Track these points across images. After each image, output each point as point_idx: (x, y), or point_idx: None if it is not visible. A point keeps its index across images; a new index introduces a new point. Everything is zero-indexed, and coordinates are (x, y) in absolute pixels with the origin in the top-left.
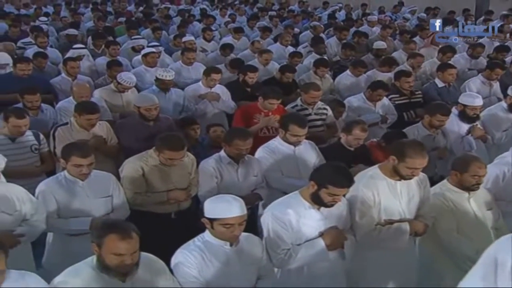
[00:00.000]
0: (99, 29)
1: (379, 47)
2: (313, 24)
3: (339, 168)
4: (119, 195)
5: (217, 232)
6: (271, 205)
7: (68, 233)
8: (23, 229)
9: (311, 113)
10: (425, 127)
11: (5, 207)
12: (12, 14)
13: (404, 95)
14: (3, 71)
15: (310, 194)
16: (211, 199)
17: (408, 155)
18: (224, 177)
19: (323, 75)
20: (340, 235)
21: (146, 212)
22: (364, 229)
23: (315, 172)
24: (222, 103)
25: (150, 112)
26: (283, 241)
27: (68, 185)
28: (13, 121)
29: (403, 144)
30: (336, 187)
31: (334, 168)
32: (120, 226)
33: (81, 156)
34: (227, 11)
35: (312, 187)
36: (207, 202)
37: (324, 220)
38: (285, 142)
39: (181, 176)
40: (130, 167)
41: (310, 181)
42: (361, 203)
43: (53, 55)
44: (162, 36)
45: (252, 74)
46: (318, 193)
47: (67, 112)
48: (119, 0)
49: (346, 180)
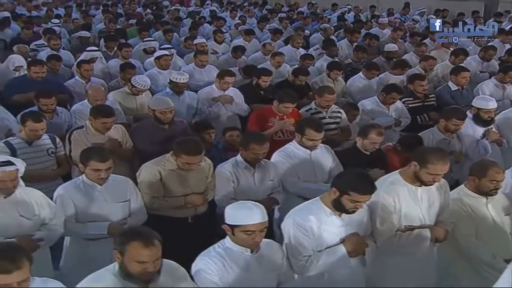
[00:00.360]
0: (111, 31)
1: (390, 49)
2: (323, 26)
3: (361, 174)
4: (136, 200)
5: (238, 239)
6: (292, 211)
7: (86, 237)
8: (42, 234)
9: (325, 116)
10: (441, 131)
11: (24, 212)
12: (24, 16)
13: (418, 98)
14: (17, 74)
15: (332, 201)
16: (232, 205)
17: (430, 161)
18: (240, 181)
19: (336, 78)
20: (361, 241)
21: (162, 216)
22: (384, 235)
23: (337, 178)
24: (235, 106)
25: (165, 115)
26: (304, 248)
27: (86, 190)
28: (30, 124)
29: (425, 150)
30: (359, 193)
31: (357, 175)
32: (143, 233)
33: (100, 160)
34: (237, 13)
35: (334, 194)
36: (228, 208)
37: (345, 226)
38: (301, 146)
39: (198, 180)
40: (148, 172)
41: (331, 187)
42: (382, 209)
43: (66, 57)
44: (173, 38)
45: (266, 77)
46: (340, 200)
47: (82, 115)
48: (129, 2)
49: (369, 187)
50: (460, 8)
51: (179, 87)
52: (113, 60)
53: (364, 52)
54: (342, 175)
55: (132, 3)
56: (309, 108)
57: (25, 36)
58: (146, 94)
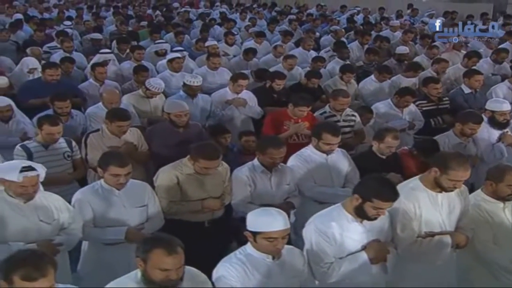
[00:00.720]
0: (123, 33)
1: (401, 52)
2: (334, 29)
3: (385, 181)
4: (154, 205)
5: (260, 246)
6: (313, 218)
7: (103, 242)
8: (62, 238)
9: (340, 119)
10: (456, 135)
11: (44, 216)
12: (36, 18)
13: (432, 101)
14: (31, 76)
15: (354, 207)
16: (255, 212)
17: (451, 167)
18: (257, 186)
19: (349, 81)
20: (383, 248)
21: (179, 220)
22: (405, 242)
23: (360, 185)
24: (248, 109)
25: (180, 119)
26: (326, 255)
27: (104, 194)
28: (47, 128)
29: (446, 156)
30: (382, 200)
31: (380, 182)
32: (166, 241)
33: (119, 165)
34: (247, 14)
35: (356, 200)
36: (251, 215)
37: (366, 233)
38: (317, 150)
39: (215, 184)
40: (165, 176)
41: (354, 194)
42: (403, 215)
43: (79, 59)
44: (184, 40)
45: (280, 81)
46: (362, 206)
47: (96, 117)
48: (139, 4)
49: (392, 194)
50: (469, 10)
51: (193, 90)
52: (126, 62)
53: (376, 55)
54: (365, 182)
55: (142, 5)
56: (323, 111)
57: (38, 38)
58: (160, 97)
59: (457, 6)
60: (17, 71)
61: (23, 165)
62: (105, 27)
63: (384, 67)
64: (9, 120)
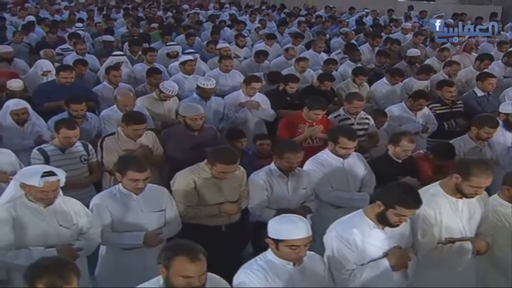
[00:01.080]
0: (134, 35)
1: (413, 54)
2: (344, 31)
3: (408, 188)
4: (172, 209)
5: (282, 253)
6: (335, 224)
7: (122, 247)
8: (81, 243)
9: (354, 123)
10: (472, 139)
11: (63, 221)
12: (47, 20)
13: (446, 104)
14: (45, 78)
15: (376, 214)
16: (277, 219)
17: (473, 174)
18: (274, 190)
19: (361, 83)
20: (404, 255)
21: (196, 225)
22: (426, 248)
23: (383, 192)
24: (261, 111)
25: (196, 122)
26: (348, 261)
27: (122, 199)
28: (64, 132)
29: (468, 163)
30: (406, 208)
31: (404, 189)
32: (188, 248)
33: (138, 170)
34: (256, 16)
35: (379, 207)
36: (273, 222)
37: (388, 239)
38: (334, 154)
39: (232, 188)
40: (182, 180)
41: (376, 200)
42: (423, 221)
43: (91, 61)
44: (195, 42)
45: (293, 84)
46: (385, 213)
47: (111, 120)
48: (149, 6)
49: (416, 201)
50: (478, 11)
51: (206, 92)
52: (138, 65)
53: (387, 57)
54: (388, 188)
55: (152, 7)
56: (337, 114)
57: (50, 40)
58: (174, 100)
59: (466, 8)
60: (31, 74)
61: (44, 170)
62: (116, 29)
63: (396, 70)
64: (24, 123)
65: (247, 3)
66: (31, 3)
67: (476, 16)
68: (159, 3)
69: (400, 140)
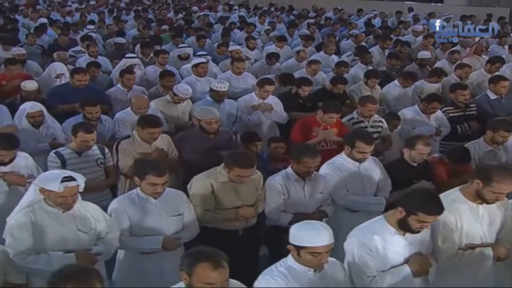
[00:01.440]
0: (145, 37)
1: (423, 56)
2: (354, 33)
3: (430, 195)
4: (189, 213)
5: (303, 260)
6: (356, 230)
7: (140, 251)
8: (100, 248)
9: (368, 126)
10: (487, 143)
11: (81, 226)
12: (59, 22)
13: (459, 107)
14: (58, 81)
15: (397, 220)
16: (299, 226)
17: (495, 180)
18: (291, 194)
19: (374, 86)
20: (426, 261)
21: (213, 229)
22: (446, 254)
23: (404, 198)
24: (274, 114)
25: (211, 125)
26: (369, 268)
27: (141, 203)
28: (81, 135)
29: (489, 169)
30: (428, 214)
31: (426, 196)
32: (211, 255)
33: (157, 175)
34: (265, 18)
35: (400, 213)
36: (295, 229)
37: (409, 246)
38: (350, 158)
39: (249, 192)
40: (200, 184)
41: (398, 207)
42: (444, 227)
43: (104, 63)
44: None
45: (306, 87)
46: (406, 220)
47: (125, 123)
48: (159, 8)
49: (438, 208)
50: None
51: (220, 95)
52: (150, 67)
53: (398, 59)
54: (410, 195)
55: (162, 9)
56: (351, 117)
57: (62, 42)
58: (187, 102)
59: (474, 10)
60: (45, 76)
61: (64, 175)
62: (126, 31)
63: (409, 74)
64: (40, 126)
65: (256, 5)
66: (43, 5)
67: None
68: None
69: (416, 144)
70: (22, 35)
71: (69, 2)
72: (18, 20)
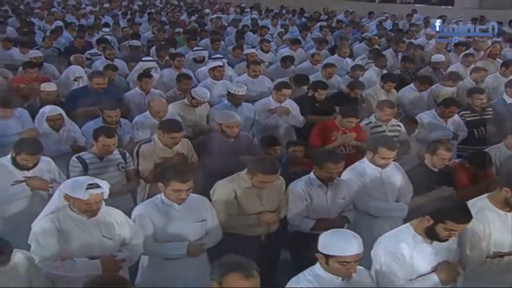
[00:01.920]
0: (160, 40)
1: (437, 60)
2: (366, 36)
3: (458, 203)
4: (212, 219)
5: (332, 268)
6: (383, 238)
7: (164, 257)
8: (124, 255)
9: (385, 130)
10: (508, 148)
11: (106, 232)
12: (74, 25)
13: (475, 111)
14: (76, 84)
15: (425, 228)
16: (329, 234)
17: None
18: (313, 200)
19: (390, 90)
20: (454, 270)
21: (235, 234)
22: (474, 262)
23: (431, 206)
24: (291, 118)
25: (232, 130)
26: (396, 276)
27: (165, 209)
28: (103, 140)
29: None
30: (456, 223)
31: (454, 204)
32: (242, 264)
33: (182, 181)
34: (278, 21)
35: (427, 221)
36: (325, 237)
37: (436, 254)
38: (372, 164)
39: (271, 198)
40: (223, 190)
41: (425, 215)
42: (472, 235)
43: (120, 66)
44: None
45: (323, 91)
46: (434, 228)
47: (143, 126)
48: (172, 10)
49: (467, 216)
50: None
51: (238, 99)
52: (166, 70)
53: (412, 63)
54: (437, 203)
55: (174, 11)
56: (368, 121)
57: (78, 45)
58: (205, 106)
59: (485, 12)
60: (63, 79)
61: (89, 182)
62: (141, 33)
63: (426, 78)
64: (60, 129)
65: (267, 7)
66: (57, 8)
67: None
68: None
69: (437, 149)
70: (39, 37)
71: (83, 4)
72: (34, 23)
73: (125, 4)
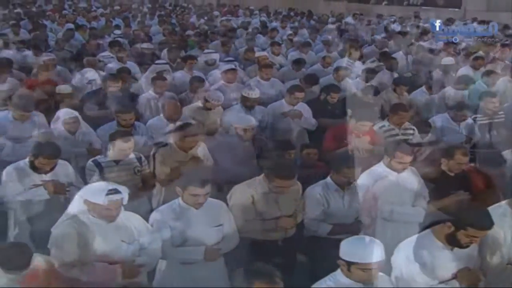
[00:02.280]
0: (172, 43)
1: (447, 63)
2: (376, 38)
3: (480, 210)
4: (229, 224)
5: (353, 275)
6: (403, 245)
7: (182, 261)
8: (143, 259)
9: (399, 133)
10: None
11: (125, 237)
12: (85, 27)
13: (488, 115)
14: (90, 87)
15: (446, 235)
16: (351, 241)
17: None
18: (330, 204)
19: (402, 93)
20: (475, 276)
21: (252, 239)
22: (495, 269)
23: (453, 213)
24: (303, 120)
25: (247, 133)
26: (417, 283)
27: (182, 213)
28: (119, 144)
29: None
30: (478, 229)
31: (476, 210)
32: (267, 272)
33: (200, 186)
34: (287, 23)
35: (448, 228)
36: (346, 244)
37: (457, 261)
38: (389, 168)
39: (288, 203)
40: (241, 195)
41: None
42: (492, 241)
43: (133, 69)
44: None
45: (335, 94)
46: (455, 235)
47: (157, 129)
48: (182, 12)
49: (488, 223)
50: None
51: (251, 102)
52: (179, 72)
53: (422, 66)
54: (458, 210)
55: (184, 14)
56: (382, 125)
57: (91, 48)
58: (218, 109)
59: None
60: (77, 82)
61: (109, 187)
62: (152, 36)
63: (437, 81)
64: (76, 132)
65: (276, 10)
66: (68, 10)
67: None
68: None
69: (455, 154)
70: (51, 40)
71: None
72: (46, 25)
73: (134, 7)
